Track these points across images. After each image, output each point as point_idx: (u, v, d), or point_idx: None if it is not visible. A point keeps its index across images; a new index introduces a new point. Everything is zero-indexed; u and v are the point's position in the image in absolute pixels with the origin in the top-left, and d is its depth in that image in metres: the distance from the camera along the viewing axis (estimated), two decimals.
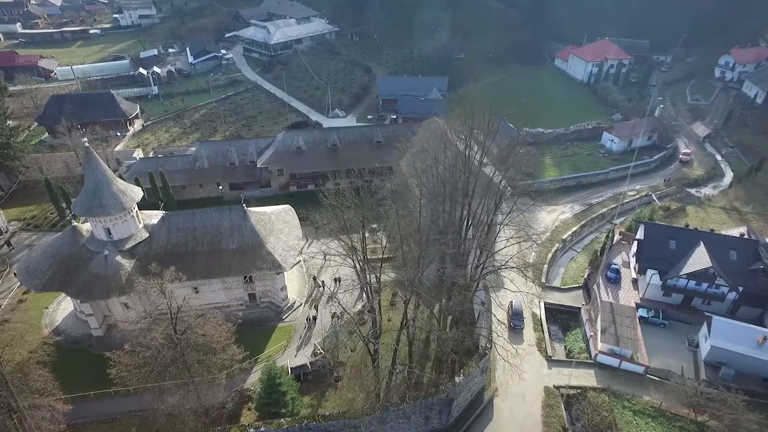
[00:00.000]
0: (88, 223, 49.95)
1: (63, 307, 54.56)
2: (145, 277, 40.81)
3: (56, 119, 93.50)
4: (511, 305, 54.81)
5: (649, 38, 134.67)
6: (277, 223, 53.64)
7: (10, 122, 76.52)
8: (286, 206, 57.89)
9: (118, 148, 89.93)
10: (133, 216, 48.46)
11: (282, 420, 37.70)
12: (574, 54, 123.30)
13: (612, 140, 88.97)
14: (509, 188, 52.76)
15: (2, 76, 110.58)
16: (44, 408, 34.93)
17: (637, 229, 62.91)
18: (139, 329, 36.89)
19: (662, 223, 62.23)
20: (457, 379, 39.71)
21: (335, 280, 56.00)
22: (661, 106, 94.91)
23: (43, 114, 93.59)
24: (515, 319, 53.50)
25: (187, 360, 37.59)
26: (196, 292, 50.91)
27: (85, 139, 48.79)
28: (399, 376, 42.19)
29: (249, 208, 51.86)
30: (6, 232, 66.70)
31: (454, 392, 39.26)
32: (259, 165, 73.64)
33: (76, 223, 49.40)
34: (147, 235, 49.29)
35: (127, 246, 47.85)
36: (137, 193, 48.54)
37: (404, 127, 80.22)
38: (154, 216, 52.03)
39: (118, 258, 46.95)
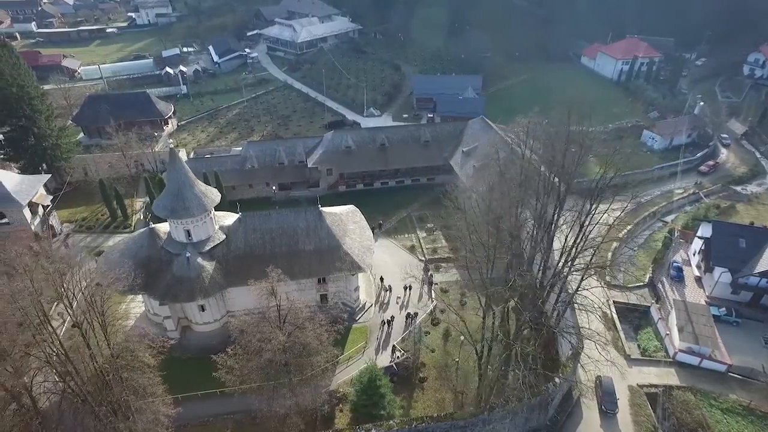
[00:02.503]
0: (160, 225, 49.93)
1: (132, 310, 54.31)
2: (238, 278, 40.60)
3: (93, 119, 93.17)
4: (600, 382, 45.18)
5: (674, 36, 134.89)
6: (348, 224, 53.43)
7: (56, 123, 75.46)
8: (352, 206, 57.56)
9: (157, 148, 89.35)
10: (211, 217, 48.18)
11: (392, 422, 37.60)
12: (603, 52, 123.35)
13: (653, 138, 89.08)
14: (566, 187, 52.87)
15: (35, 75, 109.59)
16: (149, 411, 34.62)
17: (697, 227, 63.09)
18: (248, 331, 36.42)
19: (731, 222, 62.36)
20: (557, 380, 39.69)
21: (405, 287, 55.76)
22: (701, 104, 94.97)
23: (79, 114, 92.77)
24: (607, 401, 43.63)
25: (288, 362, 37.39)
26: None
27: (171, 140, 48.46)
28: (494, 376, 42.03)
29: (323, 209, 51.62)
30: (60, 233, 66.18)
31: (555, 392, 39.24)
32: (310, 165, 73.32)
33: (153, 225, 49.04)
34: (224, 236, 48.99)
35: (207, 248, 47.58)
36: (217, 194, 48.26)
37: (450, 127, 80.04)
38: (226, 217, 51.81)
39: (199, 260, 46.66)
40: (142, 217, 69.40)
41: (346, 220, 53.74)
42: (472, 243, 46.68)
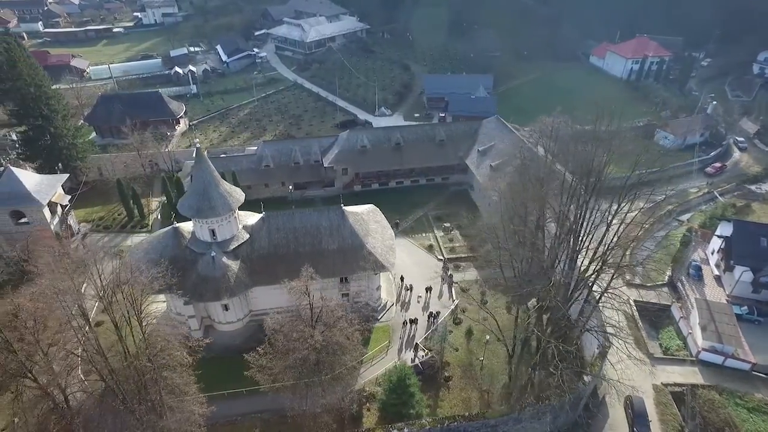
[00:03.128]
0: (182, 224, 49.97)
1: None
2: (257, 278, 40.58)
3: (106, 119, 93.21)
4: (631, 403, 43.30)
5: (682, 35, 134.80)
6: (370, 223, 53.43)
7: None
8: (372, 206, 57.51)
9: (170, 148, 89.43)
10: (235, 217, 48.23)
11: (424, 421, 37.68)
12: (612, 51, 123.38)
13: (666, 137, 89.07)
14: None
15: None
16: (184, 410, 34.68)
17: (715, 226, 63.15)
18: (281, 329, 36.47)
19: (753, 221, 62.39)
20: (586, 378, 39.75)
21: (427, 289, 55.78)
22: (714, 103, 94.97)
23: (92, 113, 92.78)
24: (640, 424, 41.71)
25: (322, 360, 37.45)
26: (290, 292, 50.72)
27: (197, 140, 48.43)
28: (523, 375, 42.07)
29: (345, 208, 51.64)
30: (78, 233, 66.20)
31: (585, 391, 39.29)
32: (326, 164, 73.30)
33: (177, 224, 49.10)
34: (247, 236, 49.02)
35: (231, 247, 47.61)
36: (241, 194, 48.29)
37: (465, 126, 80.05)
38: (248, 217, 51.86)
39: (224, 259, 46.70)
40: (159, 216, 69.42)
41: (368, 220, 53.74)
42: (498, 240, 46.70)
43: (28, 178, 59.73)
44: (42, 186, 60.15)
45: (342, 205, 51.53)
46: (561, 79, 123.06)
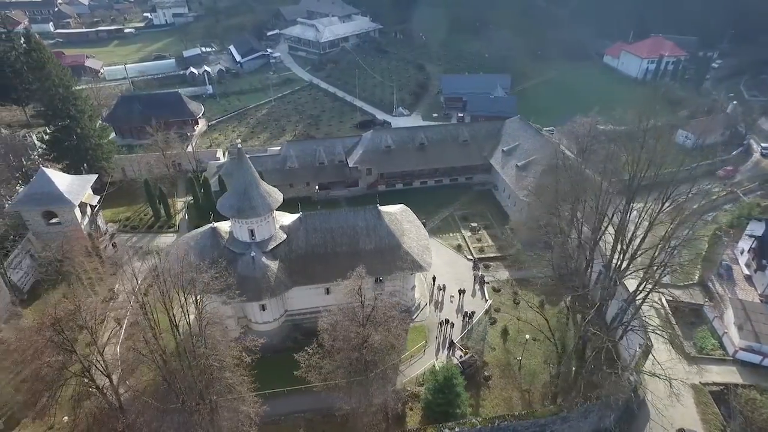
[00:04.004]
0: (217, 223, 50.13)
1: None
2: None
3: (126, 119, 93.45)
4: None
5: (695, 35, 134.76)
6: (404, 223, 53.53)
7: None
8: (403, 206, 57.63)
9: (190, 148, 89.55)
10: (273, 217, 48.36)
11: (474, 420, 37.78)
12: (627, 51, 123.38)
13: (686, 137, 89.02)
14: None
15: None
16: (239, 410, 34.82)
17: (744, 225, 63.19)
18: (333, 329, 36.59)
19: None
20: (631, 378, 39.82)
21: (460, 291, 55.86)
22: (734, 103, 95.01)
23: (112, 113, 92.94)
24: None
25: (374, 360, 37.56)
26: (328, 293, 50.93)
27: (239, 140, 48.51)
28: (570, 374, 42.13)
29: (380, 208, 51.75)
30: (106, 233, 66.32)
31: (629, 390, 39.40)
32: (351, 164, 73.44)
33: (215, 224, 49.24)
34: (285, 236, 49.14)
35: (270, 247, 47.75)
36: (279, 194, 48.46)
37: (488, 126, 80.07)
38: (283, 217, 51.96)
39: (264, 259, 46.82)
40: (186, 216, 69.50)
41: (401, 219, 53.84)
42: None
43: (60, 178, 59.84)
44: (73, 186, 60.27)
45: (378, 204, 51.62)
46: (576, 79, 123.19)
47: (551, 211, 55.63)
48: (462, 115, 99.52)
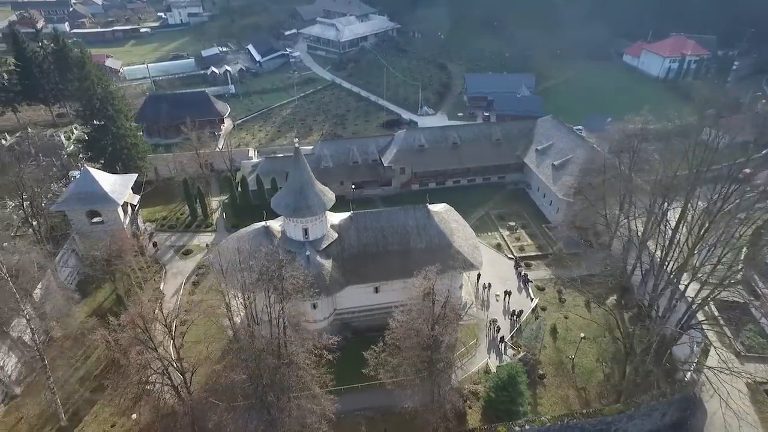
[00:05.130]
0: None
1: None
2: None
3: (154, 119, 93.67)
4: None
5: (715, 34, 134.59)
6: (450, 222, 53.58)
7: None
8: (446, 205, 57.71)
9: (219, 147, 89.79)
10: (325, 216, 48.52)
11: (544, 418, 37.94)
12: (648, 50, 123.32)
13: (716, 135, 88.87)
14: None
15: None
16: (312, 407, 34.99)
17: None
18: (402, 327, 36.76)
19: None
20: (695, 377, 39.94)
21: (506, 292, 56.00)
22: (763, 101, 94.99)
23: (140, 113, 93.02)
24: None
25: (434, 357, 37.71)
26: (377, 291, 51.14)
27: (296, 139, 48.77)
28: (632, 373, 42.17)
29: (429, 207, 51.89)
30: (145, 232, 66.52)
31: (690, 388, 39.54)
32: (386, 164, 73.57)
33: (269, 223, 49.41)
34: (336, 235, 49.29)
35: (323, 246, 47.90)
36: (332, 194, 48.63)
37: (519, 125, 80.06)
38: (332, 216, 52.10)
39: (318, 258, 46.98)
40: (224, 216, 69.65)
41: (448, 219, 53.89)
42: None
43: (105, 178, 60.06)
44: (116, 186, 60.49)
45: (428, 203, 51.77)
46: (597, 79, 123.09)
47: (598, 210, 55.89)
48: (488, 114, 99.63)
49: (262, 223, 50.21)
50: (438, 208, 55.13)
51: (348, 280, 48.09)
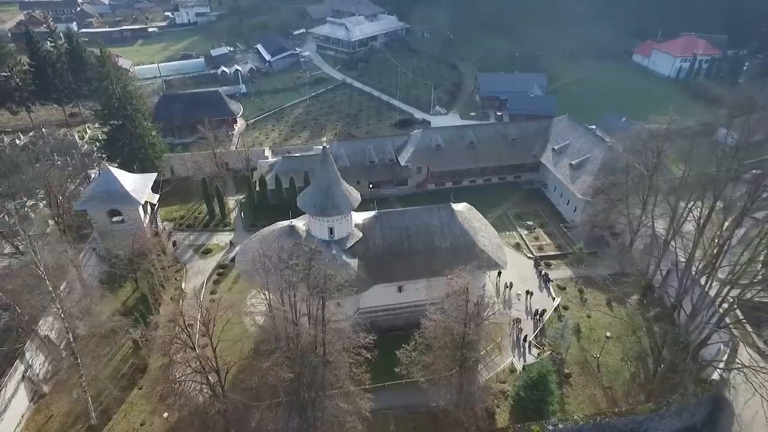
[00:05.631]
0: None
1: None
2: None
3: (168, 118, 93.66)
4: None
5: (724, 33, 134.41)
6: (473, 221, 53.61)
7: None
8: (467, 204, 57.64)
9: (233, 147, 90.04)
10: (351, 215, 48.61)
11: (576, 417, 38.02)
12: (659, 49, 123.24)
13: (730, 137, 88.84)
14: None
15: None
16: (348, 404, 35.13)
17: None
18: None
19: None
20: (725, 375, 39.98)
21: (527, 291, 56.05)
22: None
23: (154, 112, 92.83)
24: None
25: (466, 356, 37.83)
26: (400, 291, 51.22)
27: (324, 139, 48.82)
28: (661, 372, 42.21)
29: (453, 206, 51.95)
30: (164, 231, 66.61)
31: (719, 388, 39.59)
32: (402, 163, 73.66)
33: (294, 222, 49.49)
34: (361, 234, 49.35)
35: (348, 245, 47.98)
36: (357, 193, 48.73)
37: (536, 125, 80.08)
38: (356, 215, 52.21)
39: (344, 257, 47.05)
40: (242, 215, 69.74)
41: (470, 218, 53.90)
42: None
43: (126, 177, 60.18)
44: (137, 185, 60.61)
45: (452, 202, 51.83)
46: (608, 78, 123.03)
47: (620, 210, 55.91)
48: (500, 113, 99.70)
49: (288, 222, 50.21)
50: (460, 208, 55.06)
51: (374, 279, 48.13)
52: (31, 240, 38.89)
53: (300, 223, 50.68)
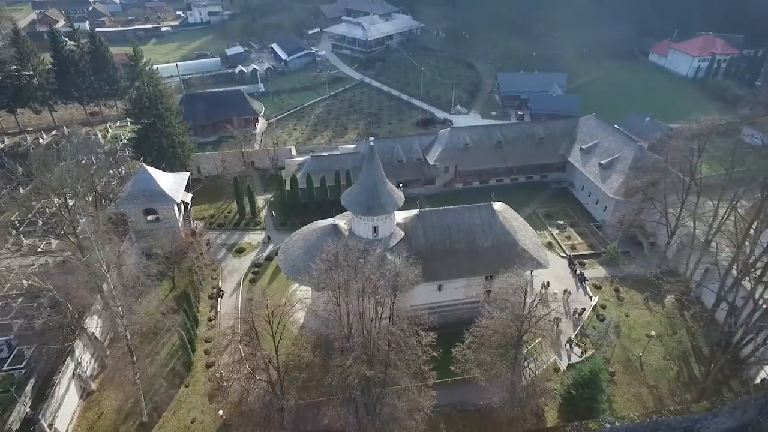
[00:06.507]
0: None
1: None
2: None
3: (191, 117, 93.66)
4: None
5: (740, 32, 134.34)
6: (511, 221, 53.79)
7: None
8: (502, 203, 57.81)
9: (257, 146, 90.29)
10: (393, 214, 48.78)
11: (633, 415, 38.17)
12: (676, 49, 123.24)
13: (753, 136, 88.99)
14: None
15: None
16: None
17: None
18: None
19: None
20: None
21: (565, 291, 56.21)
22: None
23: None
24: None
25: (520, 354, 38.05)
26: (440, 289, 51.42)
27: (372, 138, 49.07)
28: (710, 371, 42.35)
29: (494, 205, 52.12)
30: (197, 230, 66.73)
31: None
32: (431, 162, 73.81)
33: (337, 222, 49.66)
34: (403, 233, 49.53)
35: (392, 244, 48.14)
36: (401, 193, 48.92)
37: (563, 124, 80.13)
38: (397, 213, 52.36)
39: (389, 256, 47.21)
40: (273, 214, 69.86)
41: (508, 217, 54.10)
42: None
43: (160, 176, 60.38)
44: (173, 184, 60.86)
45: (493, 201, 51.99)
46: (625, 77, 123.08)
47: (658, 209, 56.01)
48: (522, 113, 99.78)
49: (329, 220, 50.40)
50: (498, 207, 55.28)
51: (419, 277, 48.22)
52: (96, 238, 38.99)
53: (342, 221, 50.89)
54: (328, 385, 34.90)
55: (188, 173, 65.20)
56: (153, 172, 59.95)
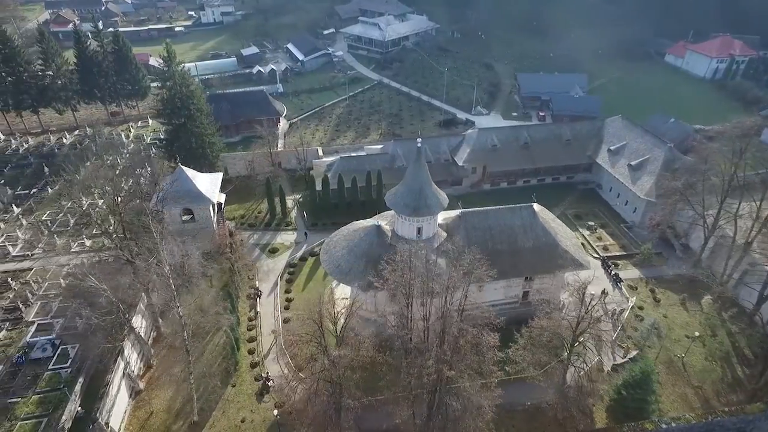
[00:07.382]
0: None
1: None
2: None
3: (216, 117, 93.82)
4: None
5: (756, 33, 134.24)
6: (550, 222, 53.94)
7: None
8: (537, 204, 58.01)
9: (280, 146, 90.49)
10: (437, 215, 48.98)
11: (688, 416, 38.38)
12: (693, 50, 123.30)
13: None
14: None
15: None
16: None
17: None
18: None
19: None
20: None
21: (603, 291, 56.24)
22: None
23: None
24: None
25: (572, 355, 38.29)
26: (480, 290, 51.49)
27: (419, 139, 49.30)
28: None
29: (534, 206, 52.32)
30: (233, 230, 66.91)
31: None
32: (460, 163, 74.05)
33: (380, 223, 49.84)
34: (445, 234, 49.72)
35: (435, 245, 48.34)
36: (444, 193, 49.07)
37: (589, 126, 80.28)
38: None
39: (433, 257, 47.36)
40: (306, 215, 69.99)
41: (547, 218, 54.27)
42: None
43: (196, 176, 60.61)
44: (208, 185, 61.10)
45: (534, 202, 52.18)
46: (643, 79, 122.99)
47: (696, 210, 56.14)
48: (543, 114, 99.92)
49: (372, 221, 50.63)
50: (536, 208, 55.51)
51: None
52: (161, 239, 39.22)
53: (383, 222, 51.08)
54: (400, 385, 35.16)
55: (221, 174, 65.45)
56: (189, 172, 60.16)
